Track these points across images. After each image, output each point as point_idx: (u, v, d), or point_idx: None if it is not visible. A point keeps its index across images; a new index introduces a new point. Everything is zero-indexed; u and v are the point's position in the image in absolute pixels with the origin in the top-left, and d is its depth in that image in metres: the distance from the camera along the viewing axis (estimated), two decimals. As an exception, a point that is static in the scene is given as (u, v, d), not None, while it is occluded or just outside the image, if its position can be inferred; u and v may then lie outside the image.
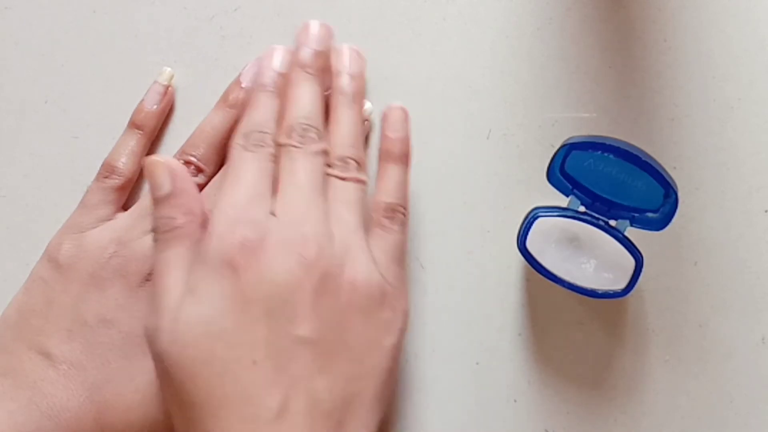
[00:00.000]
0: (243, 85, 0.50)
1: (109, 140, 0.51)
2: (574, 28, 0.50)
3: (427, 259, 0.50)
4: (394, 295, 0.45)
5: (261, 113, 0.47)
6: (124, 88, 0.51)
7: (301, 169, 0.45)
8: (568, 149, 0.46)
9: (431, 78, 0.51)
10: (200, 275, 0.42)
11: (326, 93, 0.49)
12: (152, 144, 0.51)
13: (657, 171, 0.45)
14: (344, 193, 0.46)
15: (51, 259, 0.49)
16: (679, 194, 0.45)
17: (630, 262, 0.46)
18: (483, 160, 0.50)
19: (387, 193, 0.48)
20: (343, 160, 0.46)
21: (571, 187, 0.47)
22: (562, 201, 0.47)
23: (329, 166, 0.46)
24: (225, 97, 0.50)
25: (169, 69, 0.51)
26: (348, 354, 0.43)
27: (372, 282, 0.44)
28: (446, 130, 0.50)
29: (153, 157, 0.46)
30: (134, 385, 0.47)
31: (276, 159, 0.46)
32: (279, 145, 0.46)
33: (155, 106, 0.51)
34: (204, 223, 0.44)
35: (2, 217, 0.52)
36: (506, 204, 0.50)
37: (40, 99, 0.52)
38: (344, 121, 0.48)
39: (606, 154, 0.45)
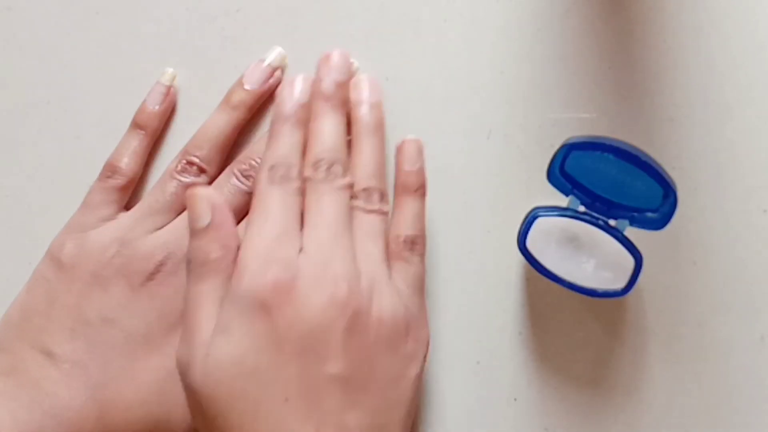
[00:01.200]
0: (246, 87, 0.50)
1: (111, 141, 0.51)
2: (574, 28, 0.50)
3: (428, 259, 0.50)
4: (417, 325, 0.46)
5: (285, 145, 0.47)
6: (126, 89, 0.51)
7: (329, 205, 0.45)
8: (568, 149, 0.46)
9: (432, 78, 0.51)
10: (233, 314, 0.43)
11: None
12: (154, 144, 0.51)
13: (656, 171, 0.45)
14: (369, 226, 0.46)
15: (53, 258, 0.49)
16: (678, 194, 0.45)
17: (629, 261, 0.47)
18: (483, 160, 0.50)
19: (406, 226, 0.48)
20: (367, 191, 0.47)
21: (571, 187, 0.47)
22: (562, 201, 0.47)
23: (353, 197, 0.47)
24: (228, 99, 0.50)
25: (171, 69, 0.51)
26: (376, 387, 0.44)
27: (398, 316, 0.45)
28: (446, 130, 0.51)
29: (195, 189, 0.46)
30: (136, 384, 0.47)
31: (302, 192, 0.46)
32: (305, 179, 0.46)
33: (157, 107, 0.51)
34: (236, 258, 0.44)
35: (5, 217, 0.52)
36: (506, 204, 0.50)
37: (43, 100, 0.52)
38: (367, 151, 0.48)
39: (606, 154, 0.45)
